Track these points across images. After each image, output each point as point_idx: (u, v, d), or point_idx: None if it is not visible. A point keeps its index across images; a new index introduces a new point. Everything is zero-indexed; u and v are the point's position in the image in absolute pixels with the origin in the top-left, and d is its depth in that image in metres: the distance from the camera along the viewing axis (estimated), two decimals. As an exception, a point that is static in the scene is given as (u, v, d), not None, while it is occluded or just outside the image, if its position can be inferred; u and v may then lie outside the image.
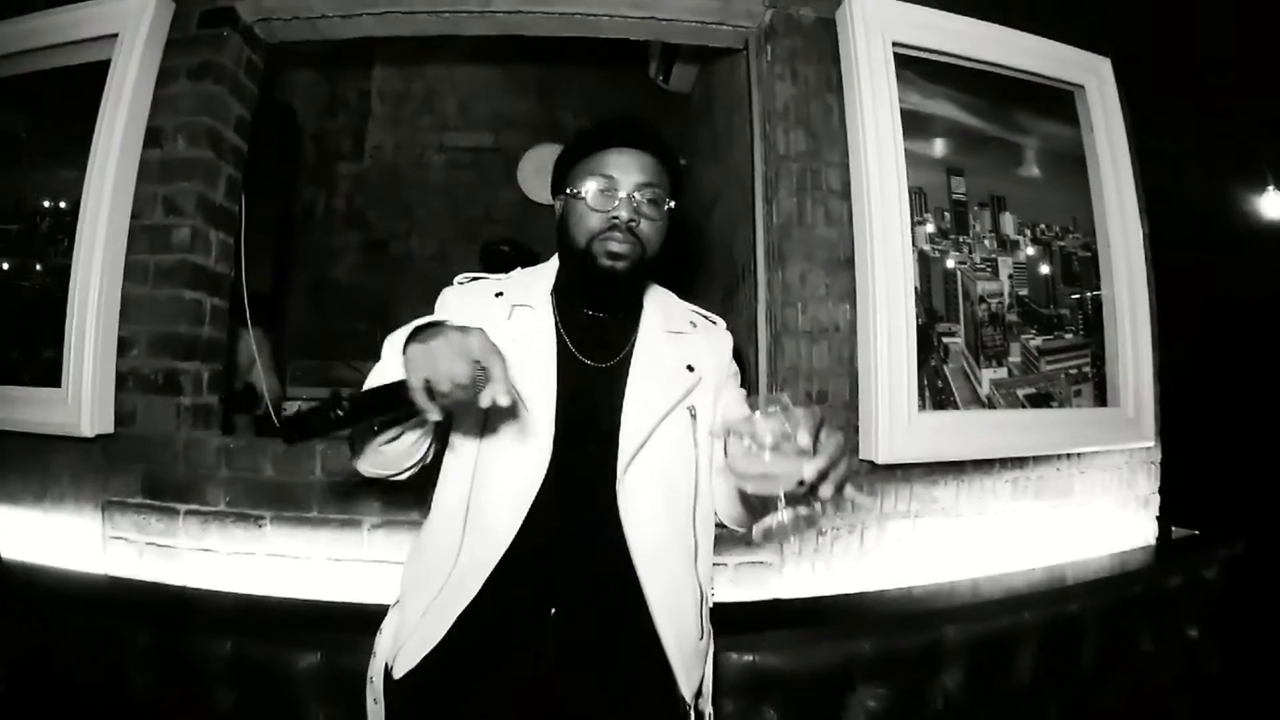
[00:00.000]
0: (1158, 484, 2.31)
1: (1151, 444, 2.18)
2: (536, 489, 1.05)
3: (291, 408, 2.38)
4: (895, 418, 1.80)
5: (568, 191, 1.14)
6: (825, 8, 2.03)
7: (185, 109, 2.04)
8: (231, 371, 2.33)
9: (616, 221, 1.07)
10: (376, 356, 1.00)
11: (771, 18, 2.00)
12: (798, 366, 1.85)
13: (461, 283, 1.25)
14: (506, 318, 1.15)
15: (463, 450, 1.11)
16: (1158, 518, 2.31)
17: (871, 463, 1.83)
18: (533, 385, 1.08)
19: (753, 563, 1.87)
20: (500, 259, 2.58)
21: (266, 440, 2.07)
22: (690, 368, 1.16)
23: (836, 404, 1.87)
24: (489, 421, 1.08)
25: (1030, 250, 2.06)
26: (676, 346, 1.18)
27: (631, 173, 1.10)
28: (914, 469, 1.90)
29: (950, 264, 1.95)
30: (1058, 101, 2.18)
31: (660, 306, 1.23)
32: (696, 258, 2.79)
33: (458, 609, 1.04)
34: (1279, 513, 2.95)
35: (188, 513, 1.93)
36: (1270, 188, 3.17)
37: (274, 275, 2.46)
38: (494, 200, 3.38)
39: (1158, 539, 2.30)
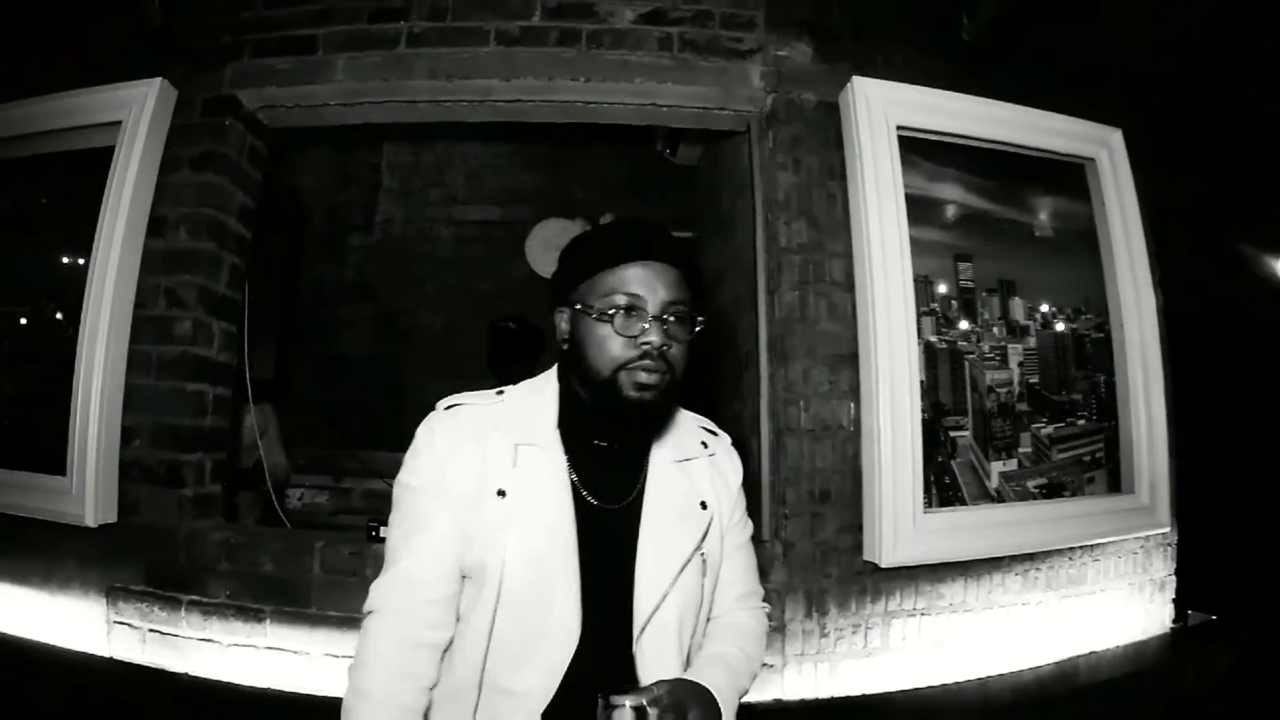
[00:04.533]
0: (1174, 566, 2.15)
1: (1167, 529, 2.03)
2: (570, 656, 0.92)
3: (295, 494, 2.30)
4: (900, 520, 1.68)
5: (579, 307, 0.95)
6: (828, 90, 1.91)
7: (187, 200, 1.97)
8: (238, 451, 2.25)
9: (647, 348, 0.90)
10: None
11: (773, 103, 1.89)
12: (800, 466, 1.73)
13: (449, 407, 1.04)
14: (512, 465, 0.97)
15: (475, 618, 0.95)
16: (1173, 600, 2.15)
17: (875, 565, 1.71)
18: (552, 541, 0.94)
19: (755, 663, 1.75)
20: (507, 337, 2.48)
21: (267, 532, 1.99)
22: (704, 504, 1.03)
23: (840, 504, 1.75)
24: (504, 586, 0.94)
25: (1041, 335, 1.92)
26: (689, 478, 1.04)
27: (659, 289, 0.92)
28: (920, 566, 1.78)
29: (958, 354, 1.82)
30: (1068, 176, 2.05)
31: (669, 429, 1.07)
32: (702, 337, 2.65)
33: None
34: None
35: (190, 603, 1.88)
36: None
37: (279, 356, 2.38)
38: (502, 274, 3.25)
39: (1173, 623, 2.14)
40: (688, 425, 1.10)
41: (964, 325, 1.84)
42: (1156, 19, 2.05)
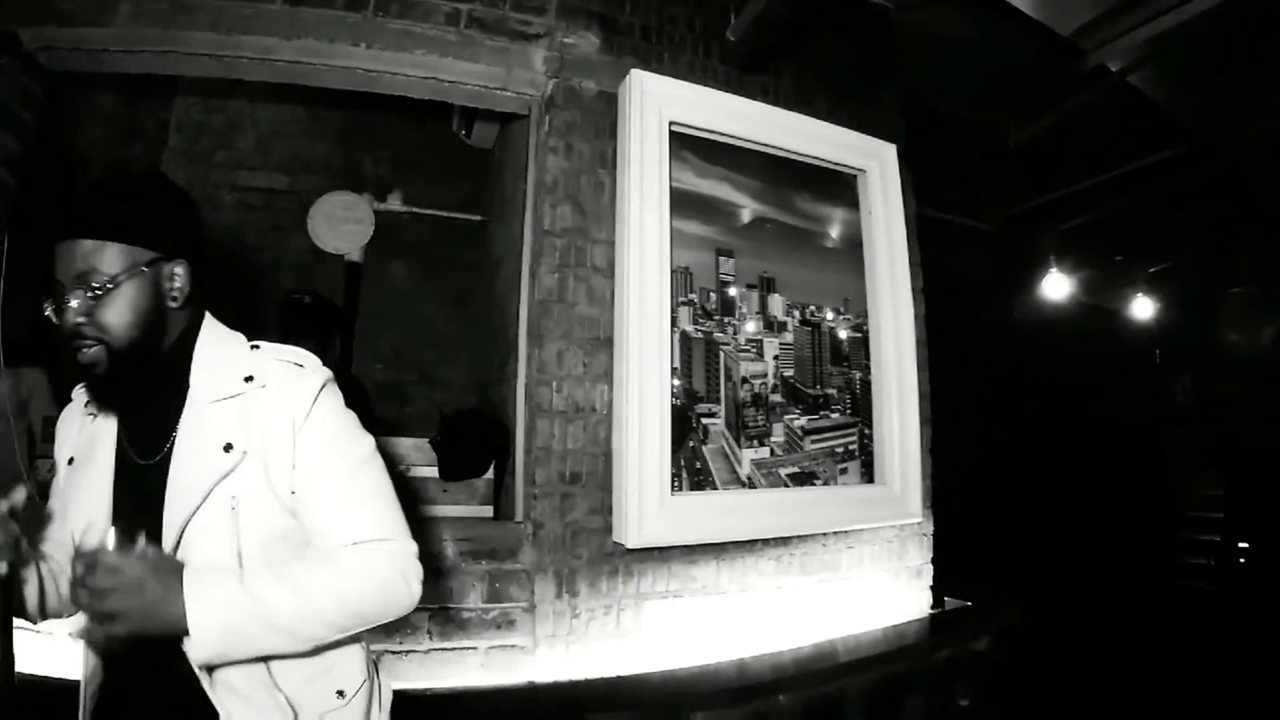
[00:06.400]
0: (930, 555, 2.40)
1: (919, 520, 2.27)
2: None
3: (45, 465, 2.21)
4: (646, 502, 1.80)
5: None
6: (609, 81, 2.03)
7: (-52, 142, 1.87)
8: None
9: (68, 330, 0.95)
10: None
11: (553, 88, 1.99)
12: (550, 447, 1.83)
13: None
14: (79, 432, 1.08)
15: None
16: (931, 588, 2.40)
17: (625, 546, 1.83)
18: (92, 502, 1.01)
19: (505, 646, 1.83)
20: (299, 311, 2.46)
21: None
22: (229, 446, 0.98)
23: (591, 485, 1.85)
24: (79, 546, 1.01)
25: (798, 331, 2.12)
26: (222, 419, 1.00)
27: (66, 266, 0.96)
28: (672, 548, 1.91)
29: (713, 345, 1.98)
30: (839, 184, 2.26)
31: (212, 366, 1.04)
32: (481, 319, 2.77)
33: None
34: (1055, 583, 3.19)
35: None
36: (1052, 270, 3.43)
37: (38, 316, 2.27)
38: (283, 246, 3.24)
39: (931, 609, 2.39)
40: (238, 359, 1.06)
41: (721, 317, 2.00)
42: (935, 45, 2.31)
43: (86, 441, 1.06)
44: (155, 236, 1.01)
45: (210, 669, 0.94)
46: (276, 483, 1.00)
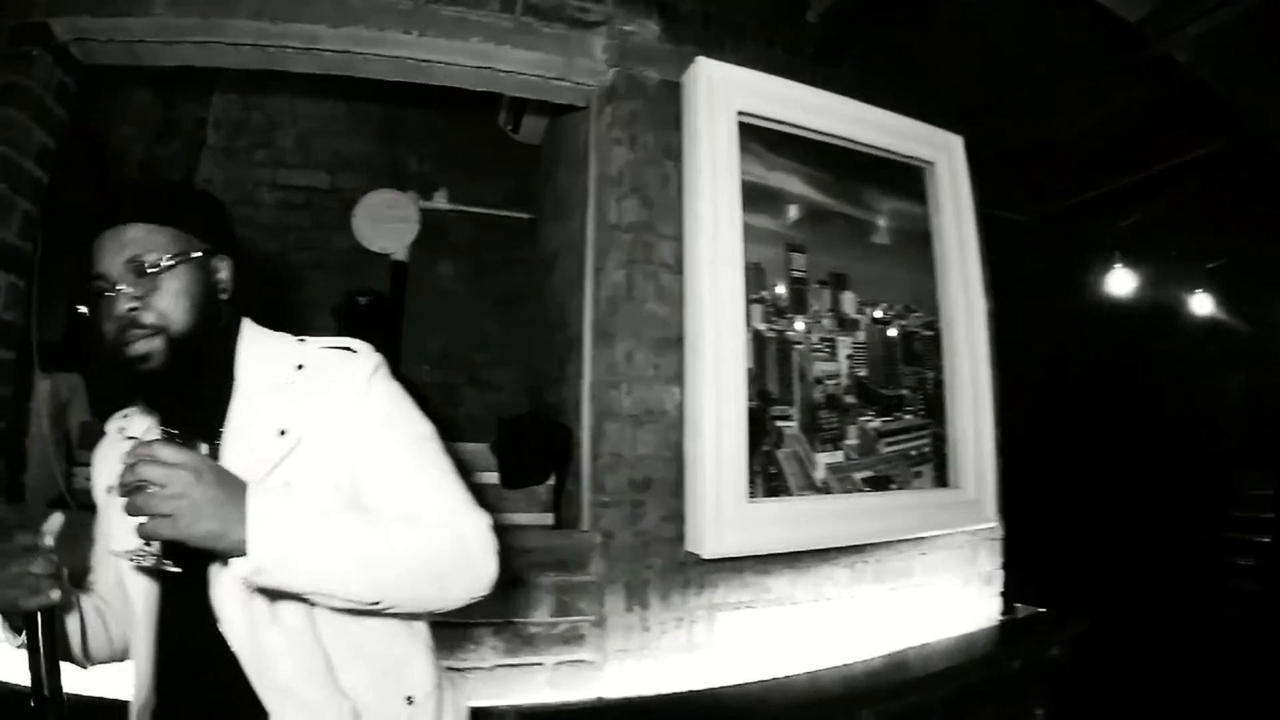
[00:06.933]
0: (1000, 560, 2.32)
1: (994, 524, 2.19)
2: (154, 612, 0.96)
3: (83, 474, 2.15)
4: (723, 510, 1.72)
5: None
6: (672, 70, 1.96)
7: (-20, 136, 1.80)
8: (27, 423, 2.07)
9: (121, 320, 0.90)
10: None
11: (614, 77, 1.92)
12: (620, 452, 1.75)
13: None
14: (115, 458, 0.98)
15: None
16: (1001, 594, 2.32)
17: (698, 556, 1.75)
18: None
19: (573, 661, 1.75)
20: (358, 313, 2.38)
21: (49, 514, 1.84)
22: (283, 432, 0.95)
23: (662, 492, 1.78)
24: (125, 577, 0.99)
25: (871, 329, 2.04)
26: (275, 406, 0.97)
27: (115, 254, 0.93)
28: (745, 558, 1.83)
29: (786, 344, 1.90)
30: (906, 177, 2.18)
31: (260, 357, 1.03)
32: (535, 319, 2.71)
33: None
34: (1124, 589, 3.11)
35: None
36: (1118, 265, 3.35)
37: (74, 318, 2.22)
38: (326, 246, 3.20)
39: (1001, 615, 2.31)
40: (286, 350, 1.04)
41: (793, 315, 1.92)
42: (999, 38, 2.23)
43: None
44: (204, 229, 1.01)
45: (269, 596, 0.88)
46: (335, 469, 0.96)
